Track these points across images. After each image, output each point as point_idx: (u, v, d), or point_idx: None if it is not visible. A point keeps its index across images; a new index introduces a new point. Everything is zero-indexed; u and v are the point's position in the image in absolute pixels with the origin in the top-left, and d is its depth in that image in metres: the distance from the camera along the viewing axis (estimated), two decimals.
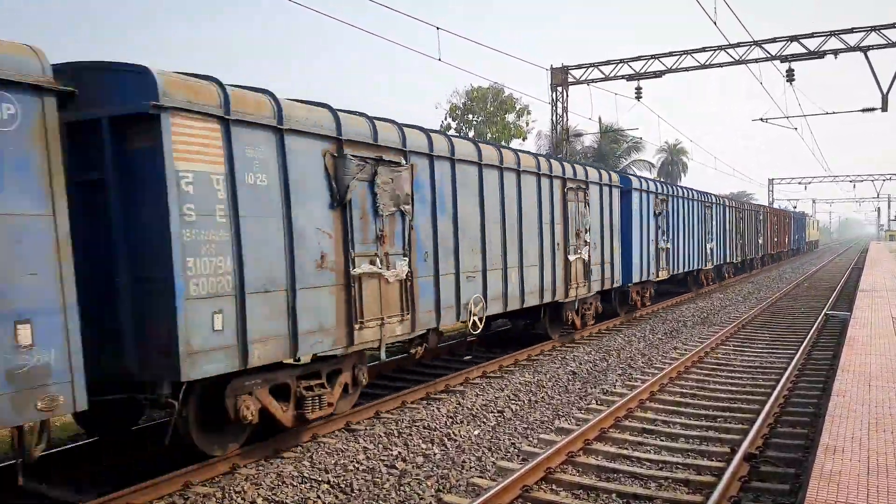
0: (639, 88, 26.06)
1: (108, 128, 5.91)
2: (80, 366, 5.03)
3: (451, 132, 38.63)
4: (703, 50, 24.61)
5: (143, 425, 8.07)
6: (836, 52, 22.62)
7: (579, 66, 27.02)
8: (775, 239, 41.84)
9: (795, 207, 72.78)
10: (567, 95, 27.50)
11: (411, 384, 10.46)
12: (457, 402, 9.29)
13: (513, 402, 9.54)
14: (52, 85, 4.93)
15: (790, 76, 23.76)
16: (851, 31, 22.32)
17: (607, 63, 26.33)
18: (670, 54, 25.23)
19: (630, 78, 26.00)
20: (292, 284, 7.04)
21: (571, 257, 13.43)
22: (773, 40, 23.45)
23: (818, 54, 22.82)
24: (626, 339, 14.46)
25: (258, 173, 6.67)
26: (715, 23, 18.25)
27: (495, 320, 13.84)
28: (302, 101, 7.58)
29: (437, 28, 16.14)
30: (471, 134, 38.99)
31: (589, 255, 14.19)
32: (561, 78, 27.22)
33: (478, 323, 10.33)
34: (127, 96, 5.89)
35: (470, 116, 39.06)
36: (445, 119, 39.20)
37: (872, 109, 24.13)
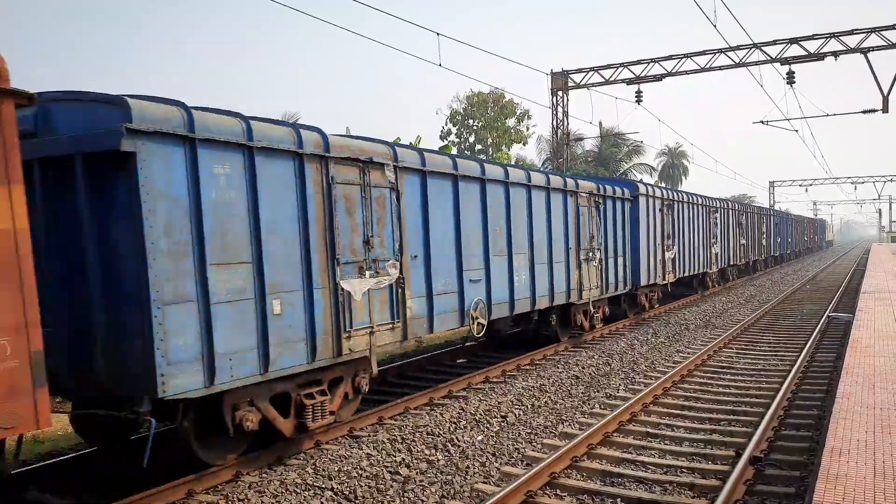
0: (639, 92, 26.09)
1: None
2: None
3: (451, 137, 38.71)
4: (704, 53, 24.64)
5: (142, 434, 8.05)
6: (836, 54, 22.63)
7: (579, 71, 27.04)
8: (805, 238, 62.00)
9: (816, 214, 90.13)
10: (567, 100, 27.52)
11: (414, 390, 10.44)
12: (460, 408, 9.27)
13: (516, 406, 9.51)
14: None
15: (790, 78, 23.75)
16: (851, 32, 22.33)
17: (607, 67, 26.35)
18: (670, 58, 25.25)
19: (630, 82, 26.02)
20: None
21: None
22: (774, 42, 23.46)
23: (818, 56, 22.83)
24: (630, 343, 14.43)
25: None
26: (715, 25, 18.29)
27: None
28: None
29: (438, 34, 16.19)
30: (471, 139, 39.06)
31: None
32: (561, 82, 27.25)
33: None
34: None
35: (470, 122, 39.10)
36: (446, 124, 39.26)
37: (873, 111, 24.10)
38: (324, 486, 6.62)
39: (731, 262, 28.35)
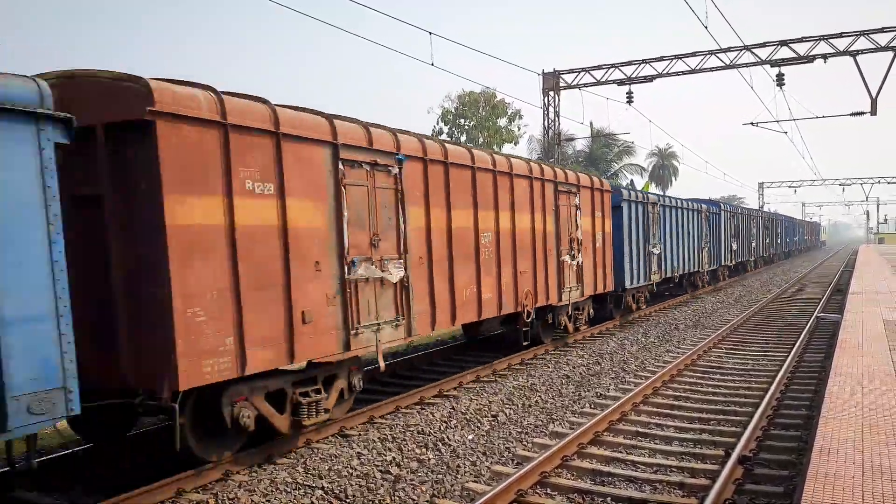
0: (630, 93, 26.19)
1: None
2: None
3: (443, 136, 38.69)
4: (694, 55, 24.77)
5: (137, 432, 8.01)
6: (825, 57, 22.80)
7: (571, 71, 27.12)
8: (806, 238, 75.24)
9: (811, 218, 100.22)
10: (559, 100, 27.59)
11: (405, 389, 10.43)
12: (451, 407, 9.27)
13: (507, 406, 9.52)
14: None
15: (780, 80, 23.91)
16: (841, 35, 22.51)
17: (598, 68, 26.43)
18: (661, 59, 25.37)
19: (621, 83, 26.12)
20: None
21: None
22: (763, 45, 23.62)
23: (808, 59, 23.01)
24: (619, 343, 14.48)
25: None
26: (706, 27, 18.41)
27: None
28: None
29: (430, 33, 16.20)
30: (462, 139, 39.03)
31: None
32: (552, 83, 27.32)
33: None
34: None
35: (462, 121, 39.08)
36: (437, 123, 39.22)
37: (862, 113, 24.30)
38: (314, 485, 6.60)
39: (756, 256, 34.26)
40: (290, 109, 7.40)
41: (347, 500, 6.34)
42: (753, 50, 23.73)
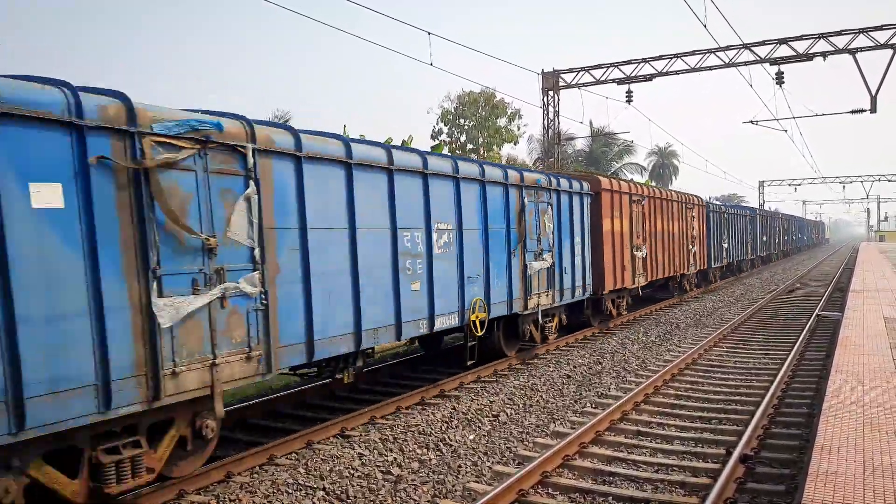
0: (629, 92, 26.15)
1: None
2: None
3: (443, 137, 38.66)
4: (694, 53, 24.73)
5: None
6: (824, 55, 22.76)
7: (570, 70, 27.09)
8: (813, 235, 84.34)
9: (816, 217, 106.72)
10: (558, 99, 27.56)
11: (406, 389, 10.43)
12: (452, 407, 9.27)
13: (508, 406, 9.52)
14: None
15: (780, 79, 23.88)
16: (840, 33, 22.47)
17: (598, 67, 26.40)
18: (660, 58, 25.34)
19: (621, 82, 26.08)
20: None
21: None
22: (763, 43, 23.58)
23: (807, 57, 22.96)
24: (620, 342, 14.47)
25: None
26: (705, 26, 18.37)
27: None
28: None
29: (429, 33, 16.19)
30: (462, 139, 39.03)
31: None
32: (552, 82, 27.29)
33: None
34: None
35: (461, 121, 39.08)
36: (437, 124, 39.22)
37: (861, 111, 24.26)
38: (316, 485, 6.60)
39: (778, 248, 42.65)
40: None
41: (349, 501, 6.34)
42: (753, 48, 23.69)
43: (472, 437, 8.25)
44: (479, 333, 10.63)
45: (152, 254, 5.71)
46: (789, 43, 23.17)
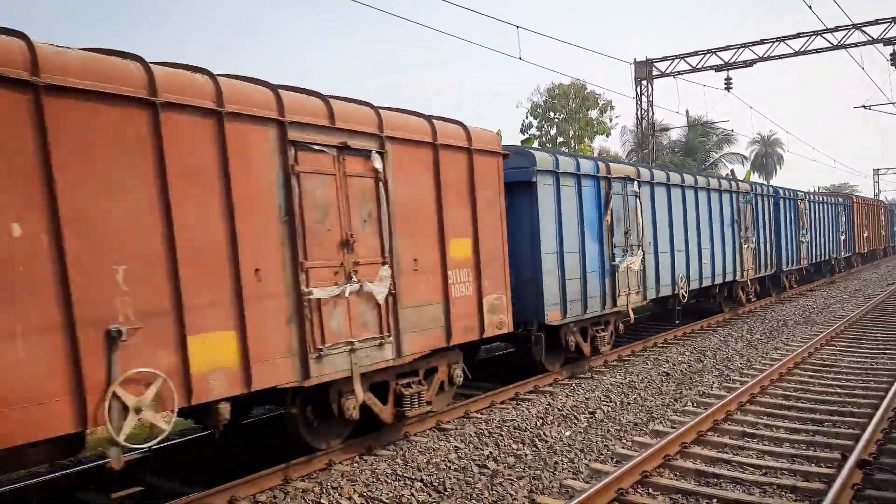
0: (728, 79, 25.12)
1: None
2: None
3: (532, 130, 38.36)
4: (798, 36, 23.45)
5: (253, 419, 8.39)
6: None
7: (664, 59, 26.29)
8: None
9: None
10: (652, 89, 26.82)
11: (499, 384, 10.43)
12: (547, 403, 9.21)
13: (604, 403, 9.36)
14: None
15: (895, 60, 22.27)
16: None
17: (694, 54, 25.50)
18: (762, 42, 24.17)
19: (719, 69, 25.10)
20: None
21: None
22: (875, 22, 22.07)
23: None
24: (722, 339, 13.92)
25: None
26: (810, 7, 17.38)
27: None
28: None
29: (517, 27, 16.10)
30: (552, 132, 38.57)
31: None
32: (645, 71, 26.57)
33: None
34: None
35: (552, 114, 38.61)
36: (527, 117, 38.93)
37: None
38: (413, 476, 6.72)
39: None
40: None
41: (446, 493, 6.42)
42: (864, 28, 22.21)
43: (567, 433, 8.16)
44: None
45: None
46: None
